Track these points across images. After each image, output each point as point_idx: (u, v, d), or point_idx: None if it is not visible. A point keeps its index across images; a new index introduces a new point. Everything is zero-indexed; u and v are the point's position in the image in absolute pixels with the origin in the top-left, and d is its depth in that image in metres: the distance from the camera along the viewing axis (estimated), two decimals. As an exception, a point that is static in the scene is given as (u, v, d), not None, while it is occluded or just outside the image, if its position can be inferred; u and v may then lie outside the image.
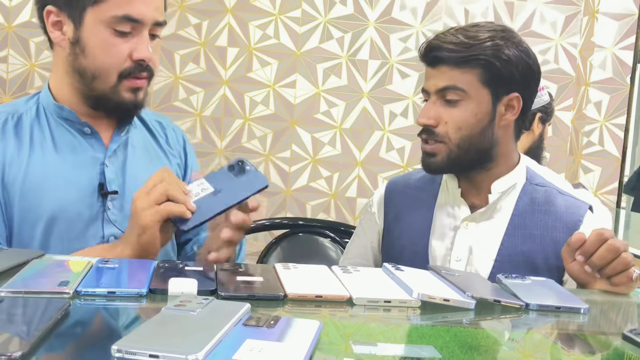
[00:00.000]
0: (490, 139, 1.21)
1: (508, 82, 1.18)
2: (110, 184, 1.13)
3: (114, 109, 1.14)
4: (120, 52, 1.08)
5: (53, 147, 1.13)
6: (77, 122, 1.15)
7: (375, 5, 2.72)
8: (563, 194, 1.27)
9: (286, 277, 0.86)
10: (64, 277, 0.78)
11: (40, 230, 1.08)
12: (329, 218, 2.71)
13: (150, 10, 1.09)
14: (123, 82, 1.10)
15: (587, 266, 1.02)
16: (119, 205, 1.14)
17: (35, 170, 1.10)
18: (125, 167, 1.17)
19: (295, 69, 2.73)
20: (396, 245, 1.31)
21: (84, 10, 1.07)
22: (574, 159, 2.72)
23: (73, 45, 1.10)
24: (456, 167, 1.23)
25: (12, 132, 1.12)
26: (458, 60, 1.16)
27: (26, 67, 2.71)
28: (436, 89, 1.19)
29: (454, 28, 1.21)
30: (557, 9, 2.76)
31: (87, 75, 1.10)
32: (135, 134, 1.22)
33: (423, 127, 1.22)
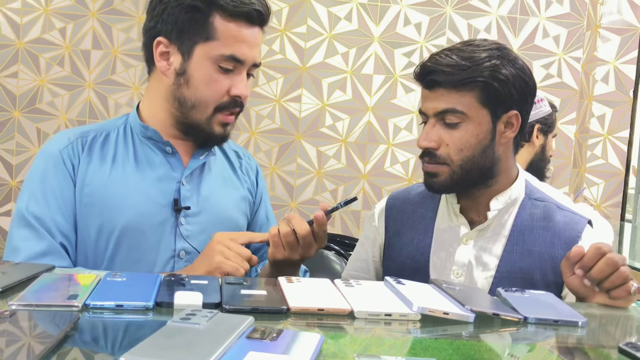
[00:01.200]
0: (492, 158, 1.21)
1: (506, 101, 1.19)
2: (185, 201, 1.20)
3: (202, 139, 1.23)
4: (221, 87, 1.17)
5: (134, 163, 1.21)
6: (160, 141, 1.22)
7: (379, 21, 2.75)
8: (562, 209, 1.27)
9: (289, 291, 0.87)
10: (73, 290, 0.81)
11: (114, 240, 1.15)
12: (334, 231, 2.73)
13: (252, 53, 1.18)
14: (217, 115, 1.19)
15: (586, 280, 1.03)
16: (192, 221, 1.21)
17: (115, 183, 1.17)
18: (200, 188, 1.24)
19: (300, 84, 2.76)
20: (397, 261, 1.32)
21: (194, 45, 1.16)
22: (578, 172, 2.73)
23: (178, 76, 1.17)
24: (459, 186, 1.23)
25: (99, 148, 1.21)
26: (456, 83, 1.16)
27: (36, 83, 2.75)
28: (435, 112, 1.20)
29: (447, 48, 1.21)
30: (560, 23, 2.79)
31: (187, 104, 1.18)
32: (213, 159, 1.30)
33: (424, 149, 1.22)
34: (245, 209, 1.32)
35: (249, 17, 1.16)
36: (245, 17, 1.15)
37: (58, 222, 1.13)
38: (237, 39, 1.15)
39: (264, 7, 1.18)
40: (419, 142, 1.22)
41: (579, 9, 2.77)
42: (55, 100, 2.73)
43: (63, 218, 1.14)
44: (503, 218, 1.25)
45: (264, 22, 1.19)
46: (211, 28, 1.14)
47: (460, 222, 1.26)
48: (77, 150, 1.19)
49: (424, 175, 1.25)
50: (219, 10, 1.14)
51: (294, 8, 2.72)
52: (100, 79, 2.74)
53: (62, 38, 2.73)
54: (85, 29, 2.74)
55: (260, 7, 1.17)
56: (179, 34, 1.16)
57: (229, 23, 1.15)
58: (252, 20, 1.16)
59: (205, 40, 1.15)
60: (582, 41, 2.77)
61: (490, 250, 1.24)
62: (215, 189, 1.26)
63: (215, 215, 1.22)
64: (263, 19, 1.18)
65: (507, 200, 1.25)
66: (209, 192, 1.24)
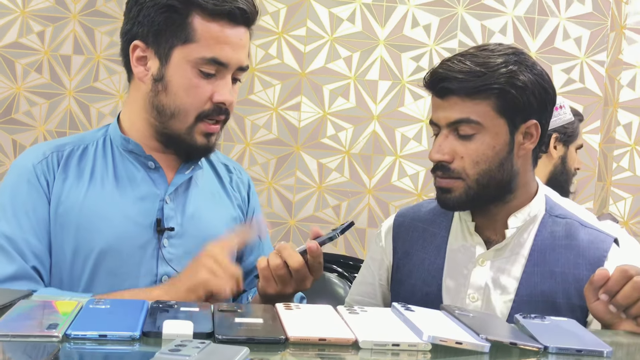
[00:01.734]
0: (510, 171, 1.22)
1: (525, 109, 1.19)
2: (168, 221, 1.19)
3: (184, 150, 1.22)
4: (202, 93, 1.16)
5: (114, 179, 1.20)
6: (142, 155, 1.21)
7: (385, 23, 2.77)
8: (586, 227, 1.28)
9: (288, 319, 0.88)
10: (53, 319, 0.81)
11: (91, 263, 1.14)
12: (337, 251, 2.73)
13: (237, 55, 1.17)
14: (199, 125, 1.18)
15: (611, 305, 1.03)
16: (175, 243, 1.19)
17: (92, 202, 1.17)
18: (185, 206, 1.23)
19: (299, 91, 2.77)
20: (406, 284, 1.32)
21: (172, 49, 1.15)
22: (603, 186, 2.73)
23: (156, 82, 1.17)
24: (474, 203, 1.23)
25: (75, 163, 1.20)
26: (470, 91, 1.17)
27: (12, 91, 2.77)
28: (448, 122, 1.20)
29: (459, 54, 1.22)
30: (582, 24, 2.81)
31: (166, 112, 1.17)
32: (200, 174, 1.29)
33: (437, 163, 1.23)
34: None
35: (231, 16, 1.15)
36: (227, 17, 1.15)
37: (31, 243, 1.13)
38: (219, 40, 1.14)
39: (248, 4, 1.17)
40: (430, 155, 1.22)
41: (602, 9, 2.79)
42: (33, 109, 2.75)
43: (36, 239, 1.14)
44: (522, 237, 1.25)
45: (249, 22, 1.19)
46: (190, 29, 1.14)
47: (475, 241, 1.27)
48: (52, 165, 1.18)
49: (437, 190, 1.25)
50: (198, 10, 1.14)
51: (292, 9, 2.75)
52: (82, 87, 2.76)
53: (41, 42, 2.75)
54: (66, 32, 2.76)
55: (245, 5, 1.16)
56: (156, 36, 1.16)
57: (210, 23, 1.14)
58: (236, 20, 1.16)
59: (184, 43, 1.14)
60: (605, 43, 2.79)
61: (509, 272, 1.24)
62: (202, 207, 1.25)
63: (201, 236, 1.20)
64: (248, 17, 1.17)
65: (526, 217, 1.25)
66: (195, 211, 1.23)
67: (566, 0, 2.79)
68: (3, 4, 2.74)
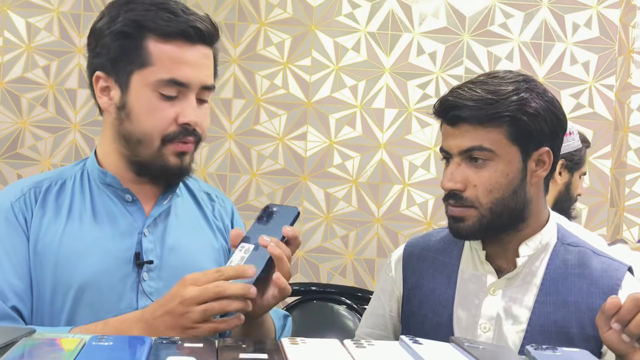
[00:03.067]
0: (523, 199, 1.22)
1: (537, 136, 1.20)
2: (147, 254, 1.18)
3: (158, 174, 1.20)
4: (165, 116, 1.15)
5: (92, 214, 1.19)
6: (119, 188, 1.21)
7: (390, 51, 2.80)
8: (599, 255, 1.27)
9: (293, 354, 0.87)
10: (55, 357, 0.81)
11: (70, 300, 1.14)
12: (346, 282, 2.72)
13: (198, 74, 1.16)
14: (167, 146, 1.17)
15: (624, 335, 1.02)
16: (155, 276, 1.19)
17: (71, 238, 1.17)
18: (165, 237, 1.22)
19: (305, 120, 2.79)
20: (417, 315, 1.31)
21: (131, 75, 1.15)
22: (616, 212, 2.72)
23: (119, 110, 1.17)
24: (488, 232, 1.23)
25: (53, 199, 1.20)
26: (482, 119, 1.17)
27: (17, 125, 2.80)
28: (460, 150, 1.20)
29: (469, 81, 1.23)
30: (589, 48, 2.82)
31: (132, 140, 1.17)
32: (179, 203, 1.28)
33: (449, 191, 1.23)
34: (219, 259, 1.28)
35: (186, 36, 1.14)
36: (182, 36, 1.14)
37: (11, 283, 1.13)
38: (176, 61, 1.14)
39: (204, 23, 1.16)
40: (443, 184, 1.22)
41: (609, 33, 2.81)
42: (38, 144, 2.78)
43: (17, 278, 1.13)
44: (534, 265, 1.25)
45: (208, 40, 1.18)
46: (145, 53, 1.14)
47: (486, 270, 1.26)
48: (30, 202, 1.18)
49: (449, 220, 1.25)
50: (150, 33, 1.14)
51: (297, 39, 2.78)
52: (87, 120, 2.79)
53: (46, 76, 2.79)
54: (71, 66, 2.80)
55: (200, 24, 1.15)
56: (114, 64, 1.16)
57: (165, 45, 1.14)
58: (192, 39, 1.15)
59: (141, 67, 1.14)
60: (614, 67, 2.80)
61: (521, 302, 1.23)
62: (182, 238, 1.23)
63: (182, 268, 1.17)
64: (204, 35, 1.16)
65: (538, 246, 1.25)
66: (175, 242, 1.22)
67: (572, 25, 2.81)
68: (9, 39, 2.79)
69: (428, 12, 2.79)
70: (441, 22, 2.79)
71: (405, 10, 2.79)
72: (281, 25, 2.79)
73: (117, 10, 1.16)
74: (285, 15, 2.79)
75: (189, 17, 1.15)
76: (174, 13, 1.15)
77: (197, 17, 1.16)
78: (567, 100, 2.79)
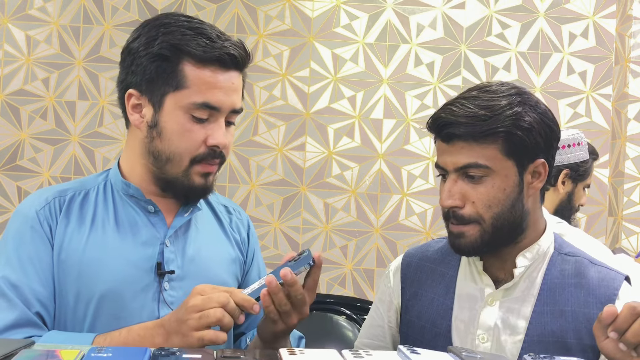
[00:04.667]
0: (521, 212, 1.22)
1: (532, 149, 1.20)
2: (169, 264, 1.22)
3: (183, 193, 1.24)
4: (196, 137, 1.19)
5: (115, 224, 1.23)
6: (142, 199, 1.24)
7: (388, 62, 2.81)
8: (596, 264, 1.27)
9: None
10: (54, 369, 0.81)
11: (92, 307, 1.17)
12: (345, 292, 2.71)
13: (229, 99, 1.20)
14: (194, 167, 1.21)
15: (621, 344, 1.02)
16: (176, 286, 1.22)
17: (94, 247, 1.20)
18: (186, 249, 1.25)
19: (304, 131, 2.80)
20: (415, 326, 1.31)
21: (165, 96, 1.19)
22: (615, 220, 2.72)
23: (150, 129, 1.21)
24: (489, 247, 1.23)
25: (77, 208, 1.23)
26: (477, 136, 1.17)
27: (17, 138, 2.81)
28: (455, 167, 1.20)
29: (461, 97, 1.22)
30: (586, 58, 2.83)
31: (162, 158, 1.21)
32: (200, 216, 1.31)
33: (448, 209, 1.22)
34: (236, 270, 1.32)
35: (221, 62, 1.18)
36: (217, 62, 1.18)
37: (36, 290, 1.15)
38: (210, 86, 1.18)
39: (238, 49, 1.20)
40: (442, 201, 1.22)
41: (605, 43, 2.82)
42: (38, 156, 2.79)
43: (42, 285, 1.16)
44: (531, 275, 1.25)
45: (240, 66, 1.22)
46: (181, 76, 1.17)
47: (484, 281, 1.26)
48: (55, 211, 1.21)
49: (450, 236, 1.25)
50: (188, 57, 1.18)
51: (295, 51, 2.79)
52: (87, 132, 2.80)
53: (46, 89, 2.80)
54: (71, 78, 2.81)
55: (235, 50, 1.19)
56: (149, 84, 1.19)
57: (200, 70, 1.18)
58: (226, 65, 1.19)
59: (176, 89, 1.18)
60: (611, 77, 2.82)
61: (519, 312, 1.23)
62: (202, 249, 1.27)
63: (202, 278, 1.21)
64: (238, 62, 1.20)
65: (535, 256, 1.25)
66: (195, 254, 1.25)
67: (569, 35, 2.82)
68: (8, 52, 2.80)
69: (425, 23, 2.81)
70: (438, 33, 2.81)
71: (403, 21, 2.81)
72: (279, 37, 2.80)
73: (155, 32, 1.19)
74: (284, 27, 2.80)
75: (224, 44, 1.19)
76: (210, 39, 1.18)
77: (232, 44, 1.20)
78: (565, 109, 2.80)
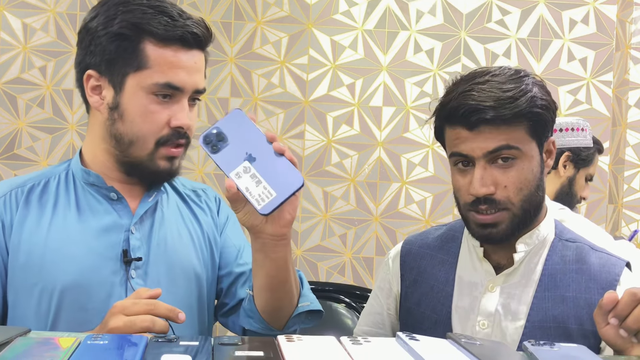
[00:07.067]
0: (543, 192, 1.23)
1: (548, 128, 1.22)
2: (135, 251, 1.19)
3: (148, 177, 1.22)
4: (159, 119, 1.16)
5: (77, 212, 1.19)
6: (104, 187, 1.21)
7: (387, 49, 2.80)
8: (597, 250, 1.27)
9: (289, 351, 0.87)
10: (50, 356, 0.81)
11: (56, 301, 1.14)
12: (344, 281, 2.72)
13: (192, 79, 1.18)
14: (160, 150, 1.18)
15: (622, 330, 1.02)
16: (142, 273, 1.19)
17: (56, 237, 1.16)
18: (152, 235, 1.22)
19: (303, 119, 2.79)
20: (415, 313, 1.31)
21: (126, 76, 1.16)
22: (615, 208, 2.72)
23: (112, 111, 1.18)
24: (519, 231, 1.22)
25: (37, 199, 1.20)
26: (506, 119, 1.16)
27: (14, 126, 2.80)
28: (485, 152, 1.18)
29: (474, 82, 1.20)
30: (587, 45, 2.82)
31: (124, 141, 1.18)
32: (166, 201, 1.28)
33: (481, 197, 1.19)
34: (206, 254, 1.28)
35: (184, 41, 1.16)
36: (179, 41, 1.16)
37: None
38: (173, 65, 1.15)
39: (201, 28, 1.18)
40: (475, 191, 1.17)
41: (606, 29, 2.81)
42: (35, 144, 2.78)
43: None
44: (532, 261, 1.25)
45: (203, 45, 1.20)
46: (142, 56, 1.15)
47: (484, 267, 1.26)
48: (11, 205, 1.18)
49: (476, 227, 1.22)
50: (149, 37, 1.15)
51: (294, 38, 2.78)
52: (84, 121, 2.78)
53: (43, 77, 2.79)
54: (68, 66, 2.80)
55: (197, 29, 1.17)
56: (109, 65, 1.17)
57: (162, 49, 1.15)
58: (189, 44, 1.17)
59: (137, 70, 1.15)
60: (611, 63, 2.80)
61: (519, 298, 1.23)
62: (169, 234, 1.24)
63: (170, 264, 1.20)
64: (201, 41, 1.18)
65: (535, 242, 1.25)
66: (162, 239, 1.22)
67: (570, 21, 2.81)
68: (5, 40, 2.79)
69: (425, 10, 2.79)
70: (438, 20, 2.79)
71: (402, 7, 2.79)
72: (278, 24, 2.79)
73: (114, 11, 1.16)
74: (282, 14, 2.79)
75: (186, 22, 1.16)
76: (171, 17, 1.16)
77: (194, 22, 1.17)
78: (565, 96, 2.79)
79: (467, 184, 1.20)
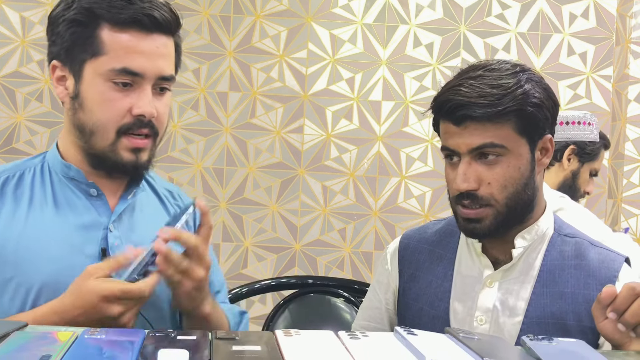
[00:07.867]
0: (533, 190, 1.22)
1: (541, 125, 1.20)
2: (113, 250, 1.16)
3: (112, 169, 1.18)
4: (119, 106, 1.13)
5: (54, 207, 1.16)
6: (84, 182, 1.19)
7: (387, 43, 2.79)
8: (596, 246, 1.27)
9: (287, 346, 0.87)
10: (47, 350, 0.80)
11: (32, 299, 1.11)
12: (343, 275, 2.72)
13: (154, 64, 1.13)
14: (121, 140, 1.14)
15: (620, 324, 1.02)
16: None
17: (32, 230, 1.13)
18: (131, 233, 1.20)
19: (302, 113, 2.79)
20: (413, 308, 1.31)
21: (83, 64, 1.13)
22: (614, 203, 2.72)
23: (73, 100, 1.15)
24: (504, 228, 1.22)
25: (11, 191, 1.17)
26: (492, 115, 1.16)
27: (13, 120, 2.79)
28: (469, 149, 1.18)
29: (465, 76, 1.20)
30: (587, 39, 2.82)
31: (86, 131, 1.14)
32: (144, 197, 1.26)
33: (462, 192, 1.19)
34: None
35: (141, 25, 1.12)
36: (136, 25, 1.11)
37: None
38: (129, 50, 1.11)
39: (161, 12, 1.13)
40: (457, 185, 1.18)
41: (606, 23, 2.80)
42: (34, 138, 2.77)
43: None
44: (531, 257, 1.25)
45: (166, 29, 1.15)
46: (98, 42, 1.11)
47: (482, 262, 1.26)
48: None
49: (462, 221, 1.22)
50: (104, 22, 1.11)
51: (293, 31, 2.77)
52: (83, 114, 2.78)
53: (41, 71, 2.78)
54: (66, 60, 2.79)
55: (156, 12, 1.12)
56: (67, 53, 1.14)
57: (118, 34, 1.11)
58: (147, 28, 1.12)
59: (93, 56, 1.11)
60: (611, 58, 2.80)
61: (518, 293, 1.23)
62: (147, 233, 1.18)
63: None
64: (161, 25, 1.13)
65: (534, 237, 1.25)
66: (140, 238, 1.18)
67: (570, 16, 2.80)
68: (3, 33, 2.78)
69: (424, 4, 2.78)
70: (438, 14, 2.79)
71: (402, 1, 2.78)
72: (277, 18, 2.78)
73: None
74: (281, 8, 2.78)
75: (144, 5, 1.12)
76: (128, 1, 1.12)
77: (153, 5, 1.13)
78: (565, 91, 2.79)
79: (455, 178, 1.21)
